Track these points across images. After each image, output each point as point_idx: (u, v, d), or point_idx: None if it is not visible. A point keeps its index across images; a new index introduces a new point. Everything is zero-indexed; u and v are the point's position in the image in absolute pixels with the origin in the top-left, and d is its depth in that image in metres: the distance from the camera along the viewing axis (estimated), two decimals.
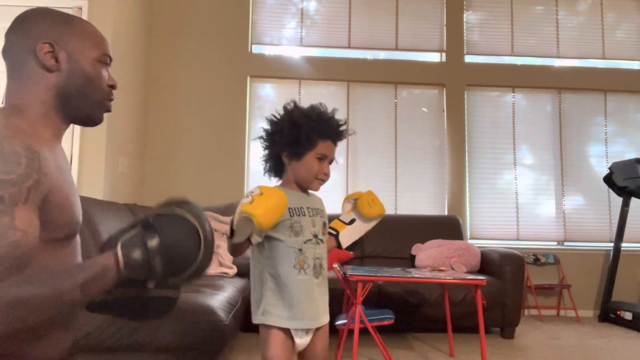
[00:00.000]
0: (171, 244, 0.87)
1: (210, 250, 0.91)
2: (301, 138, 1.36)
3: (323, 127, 1.39)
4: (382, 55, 4.68)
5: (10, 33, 0.94)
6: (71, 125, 1.00)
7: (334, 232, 1.55)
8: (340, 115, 1.46)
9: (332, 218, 1.51)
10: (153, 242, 0.85)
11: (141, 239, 0.85)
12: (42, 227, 0.83)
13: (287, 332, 1.34)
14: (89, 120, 1.00)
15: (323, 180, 1.42)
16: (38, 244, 0.81)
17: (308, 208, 1.41)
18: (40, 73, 0.92)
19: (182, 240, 0.88)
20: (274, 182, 1.48)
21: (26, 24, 0.93)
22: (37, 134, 0.88)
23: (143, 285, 0.90)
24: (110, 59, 1.02)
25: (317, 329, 1.39)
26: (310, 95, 4.49)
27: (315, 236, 1.39)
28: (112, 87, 1.02)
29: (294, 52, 4.56)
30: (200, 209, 0.93)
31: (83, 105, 0.96)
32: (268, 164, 1.46)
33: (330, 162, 1.44)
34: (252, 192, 1.20)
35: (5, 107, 0.91)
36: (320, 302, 1.39)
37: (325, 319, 1.41)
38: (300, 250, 1.35)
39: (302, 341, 1.36)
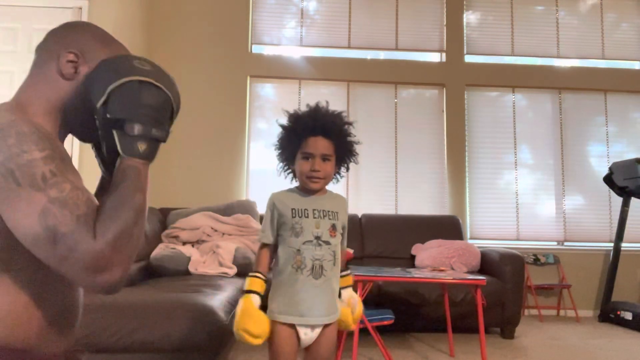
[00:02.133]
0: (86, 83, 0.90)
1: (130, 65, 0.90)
2: (285, 142, 1.47)
3: (299, 127, 1.44)
4: (382, 55, 4.68)
5: (51, 33, 0.96)
6: None
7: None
8: (338, 108, 1.50)
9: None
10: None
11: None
12: None
13: (292, 327, 1.39)
14: (78, 136, 1.01)
15: (316, 178, 1.43)
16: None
17: (315, 210, 1.44)
18: (56, 77, 0.92)
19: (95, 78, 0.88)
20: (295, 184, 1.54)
21: (69, 31, 0.95)
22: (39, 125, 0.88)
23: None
24: None
25: (324, 327, 1.43)
26: (310, 95, 4.49)
27: (318, 238, 1.41)
28: None
29: (294, 52, 4.56)
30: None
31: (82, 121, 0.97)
32: (284, 171, 1.53)
33: (326, 158, 1.43)
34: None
35: (9, 102, 0.90)
36: (317, 302, 1.40)
37: (327, 319, 1.43)
38: (299, 250, 1.40)
39: (306, 338, 1.41)
